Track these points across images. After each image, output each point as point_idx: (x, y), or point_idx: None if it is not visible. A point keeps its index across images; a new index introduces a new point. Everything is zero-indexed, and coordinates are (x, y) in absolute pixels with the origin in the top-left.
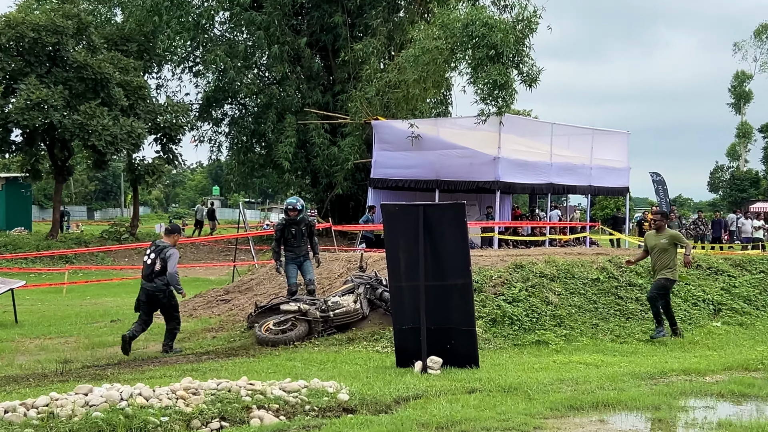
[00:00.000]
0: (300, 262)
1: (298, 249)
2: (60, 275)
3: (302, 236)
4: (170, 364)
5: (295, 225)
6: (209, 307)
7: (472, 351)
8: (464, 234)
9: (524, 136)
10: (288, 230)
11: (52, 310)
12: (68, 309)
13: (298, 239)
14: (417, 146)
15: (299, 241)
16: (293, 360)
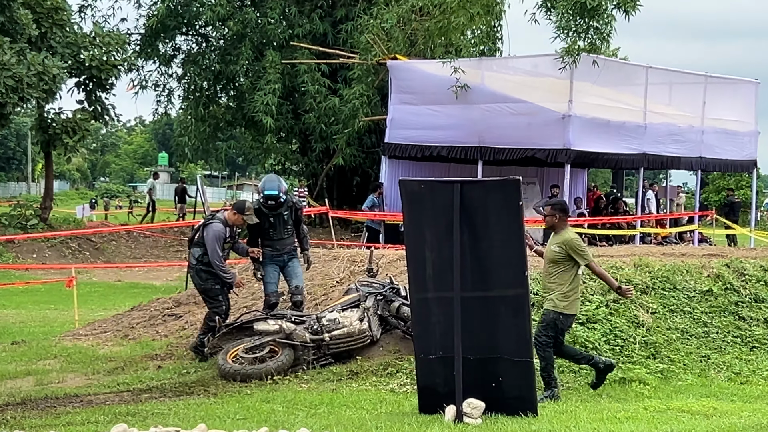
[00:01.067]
0: (283, 263)
1: (280, 243)
2: None
3: (285, 226)
4: (96, 404)
5: (273, 211)
6: (152, 324)
7: (528, 392)
8: (519, 224)
9: (607, 85)
10: (265, 219)
11: None
12: None
13: (279, 230)
14: (451, 99)
15: (281, 231)
16: (272, 401)
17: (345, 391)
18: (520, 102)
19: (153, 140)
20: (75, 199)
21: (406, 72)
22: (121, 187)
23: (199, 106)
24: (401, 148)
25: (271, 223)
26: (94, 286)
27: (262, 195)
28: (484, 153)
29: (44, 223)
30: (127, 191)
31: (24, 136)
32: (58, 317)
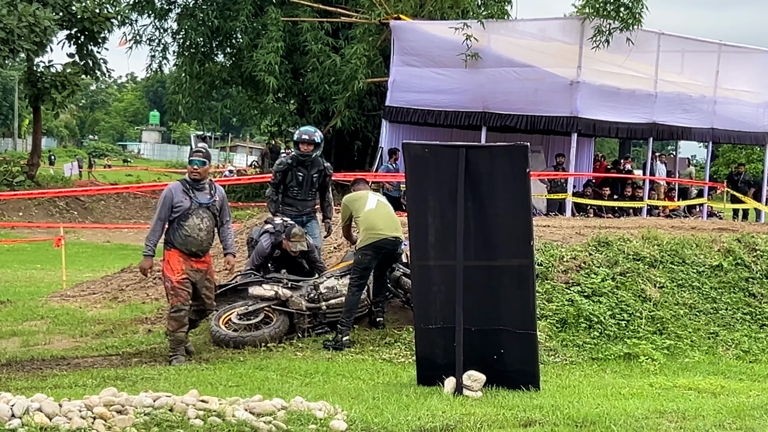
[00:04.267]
0: (301, 223)
1: (302, 204)
2: None
3: (311, 187)
4: (84, 368)
5: (304, 168)
6: (143, 287)
7: (530, 365)
8: (525, 192)
9: (617, 51)
10: (294, 173)
11: None
12: None
13: (304, 189)
14: (455, 62)
15: (305, 192)
16: (266, 369)
17: (341, 361)
18: (527, 67)
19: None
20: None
21: (410, 33)
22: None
23: (194, 62)
24: (403, 111)
25: (298, 181)
26: (83, 246)
27: (297, 134)
28: (488, 119)
29: (31, 180)
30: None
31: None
32: (45, 277)
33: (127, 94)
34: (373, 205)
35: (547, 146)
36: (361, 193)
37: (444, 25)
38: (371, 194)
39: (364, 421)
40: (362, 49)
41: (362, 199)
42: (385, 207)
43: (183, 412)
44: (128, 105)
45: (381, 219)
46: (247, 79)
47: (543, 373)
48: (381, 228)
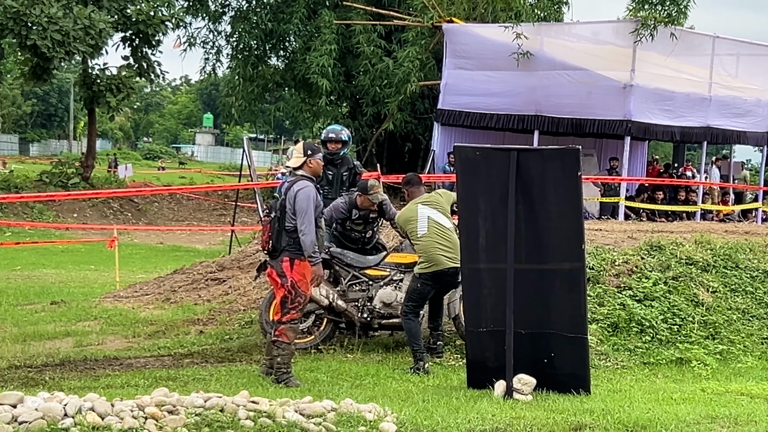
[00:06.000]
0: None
1: None
2: None
3: (341, 186)
4: (136, 368)
5: (333, 167)
6: (195, 288)
7: (581, 369)
8: (577, 196)
9: (671, 54)
10: (323, 173)
11: None
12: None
13: (335, 188)
14: (508, 65)
15: (336, 191)
16: (316, 371)
17: (392, 363)
18: (580, 70)
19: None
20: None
21: (462, 36)
22: (164, 148)
23: (247, 65)
24: (455, 115)
25: (328, 180)
26: (136, 248)
27: (326, 133)
28: (540, 122)
29: (86, 182)
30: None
31: (67, 93)
32: (99, 278)
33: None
34: (425, 228)
35: (600, 150)
36: (411, 211)
37: (496, 27)
38: (420, 210)
39: (414, 424)
40: (414, 52)
41: (413, 221)
42: (438, 229)
43: (233, 412)
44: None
45: (438, 247)
46: (300, 81)
47: (594, 377)
48: (439, 258)
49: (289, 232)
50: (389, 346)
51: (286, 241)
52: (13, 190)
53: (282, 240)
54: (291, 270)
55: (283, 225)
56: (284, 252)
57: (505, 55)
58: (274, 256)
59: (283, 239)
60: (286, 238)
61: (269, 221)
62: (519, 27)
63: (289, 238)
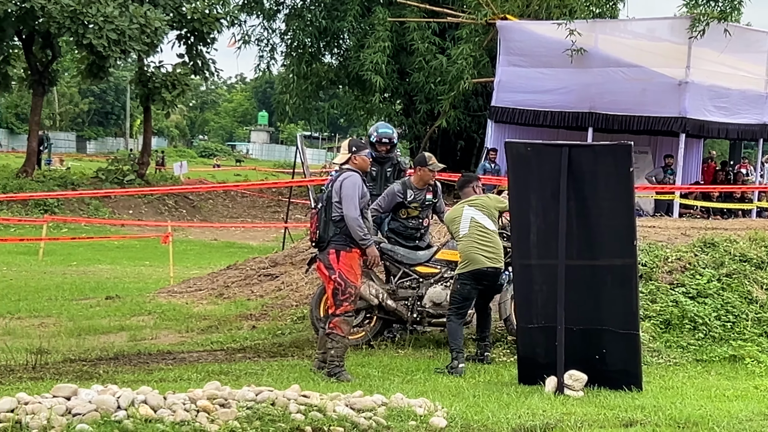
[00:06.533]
0: (379, 222)
1: None
2: (36, 229)
3: (386, 183)
4: (189, 362)
5: (377, 164)
6: (248, 284)
7: (633, 366)
8: (629, 192)
9: (727, 51)
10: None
11: (23, 279)
12: (45, 278)
13: (379, 185)
14: (562, 62)
15: (381, 187)
16: (367, 366)
17: (443, 358)
18: (635, 67)
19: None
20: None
21: (516, 33)
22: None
23: (301, 63)
24: (508, 112)
25: (372, 176)
26: (190, 244)
27: (375, 135)
28: (595, 119)
29: (141, 178)
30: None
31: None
32: (153, 274)
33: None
34: (466, 229)
35: (655, 147)
36: (456, 211)
37: (550, 24)
38: (465, 211)
39: (464, 419)
40: (468, 49)
41: (457, 221)
42: (480, 230)
43: (284, 406)
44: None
45: (477, 247)
46: (354, 79)
47: (646, 374)
48: (477, 257)
49: (336, 222)
50: (441, 342)
51: (333, 231)
52: (69, 186)
53: (329, 230)
54: (338, 262)
55: (329, 215)
56: (330, 243)
57: (559, 52)
58: (322, 247)
59: (329, 229)
60: (333, 228)
61: (316, 213)
62: (573, 24)
63: (335, 228)
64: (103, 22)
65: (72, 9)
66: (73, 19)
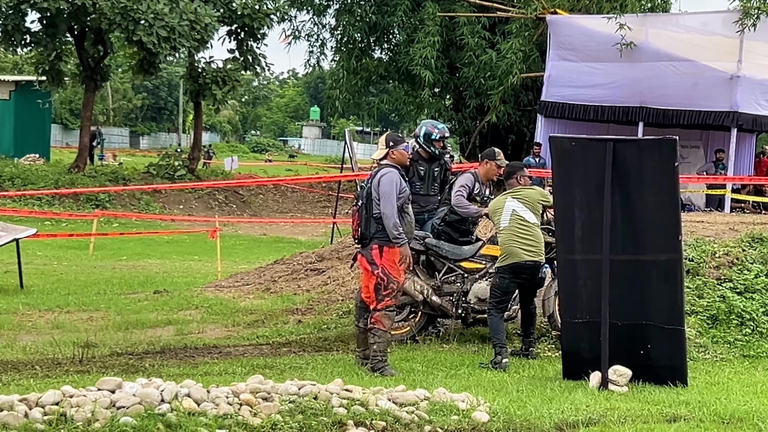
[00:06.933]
0: (422, 221)
1: (425, 199)
2: (86, 224)
3: (434, 181)
4: (235, 356)
5: (425, 162)
6: (294, 278)
7: (678, 361)
8: (674, 186)
9: None
10: (415, 168)
11: (73, 273)
12: (95, 272)
13: (427, 184)
14: (612, 56)
15: (428, 187)
16: (412, 361)
17: (488, 353)
18: (686, 61)
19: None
20: (225, 152)
21: (567, 27)
22: (271, 141)
23: (351, 58)
24: (558, 107)
25: (420, 176)
26: (239, 239)
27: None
28: (645, 114)
29: (192, 174)
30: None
31: (176, 87)
32: (202, 268)
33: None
34: (507, 222)
35: (707, 141)
36: (499, 203)
37: (600, 18)
38: (507, 203)
39: (507, 413)
40: (518, 43)
41: (498, 213)
42: (520, 223)
43: (327, 400)
44: (289, 101)
45: (517, 240)
46: (404, 74)
47: (692, 370)
48: (516, 250)
49: (377, 219)
50: (486, 336)
51: (374, 228)
52: (121, 182)
53: (370, 227)
54: (380, 257)
55: (370, 212)
56: (373, 240)
57: (610, 46)
58: (364, 243)
59: (371, 226)
60: (374, 224)
61: (357, 210)
62: (623, 18)
63: (377, 225)
64: (153, 19)
65: (123, 5)
66: (124, 15)
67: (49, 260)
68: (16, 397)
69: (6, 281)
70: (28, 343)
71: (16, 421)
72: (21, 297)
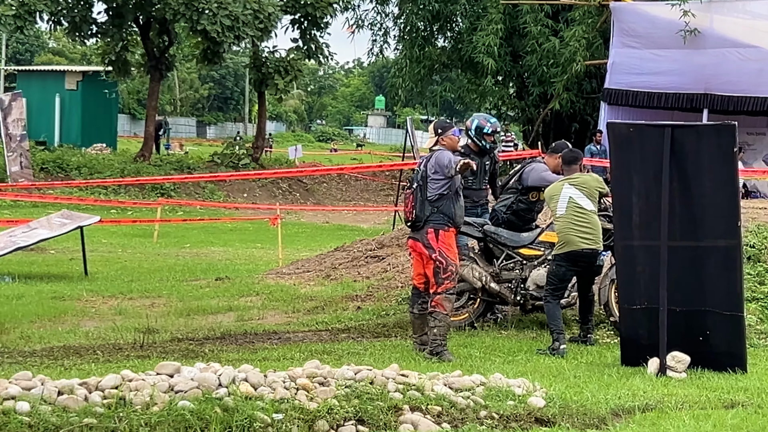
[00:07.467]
0: (476, 214)
1: (477, 194)
2: (151, 212)
3: (485, 175)
4: (294, 342)
5: (477, 156)
6: (355, 265)
7: (737, 347)
8: (732, 172)
9: None
10: None
11: (137, 261)
12: (159, 260)
13: (479, 178)
14: (676, 43)
15: (480, 181)
16: (470, 347)
17: (546, 340)
18: (752, 47)
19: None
20: (290, 140)
21: (630, 14)
22: (336, 130)
23: (414, 46)
24: (622, 94)
25: (472, 170)
26: (302, 226)
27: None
28: (710, 101)
29: (256, 162)
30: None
31: (242, 76)
32: (264, 256)
33: (353, 79)
34: (564, 209)
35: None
36: (556, 189)
37: (665, 5)
38: (564, 190)
39: (563, 399)
40: (581, 31)
41: (555, 199)
42: (577, 211)
43: (383, 385)
44: (354, 90)
45: (574, 228)
46: (467, 62)
47: (752, 356)
48: (574, 239)
49: (432, 202)
50: (544, 323)
51: (429, 211)
52: (185, 171)
53: (425, 209)
54: (437, 241)
55: (425, 195)
56: (428, 223)
57: (673, 33)
58: (418, 227)
59: (426, 209)
60: (429, 207)
61: (411, 192)
62: (687, 4)
63: (432, 207)
64: (217, 8)
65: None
66: (188, 5)
67: (114, 248)
68: (76, 381)
69: (71, 268)
70: (91, 328)
71: (76, 404)
72: (85, 284)
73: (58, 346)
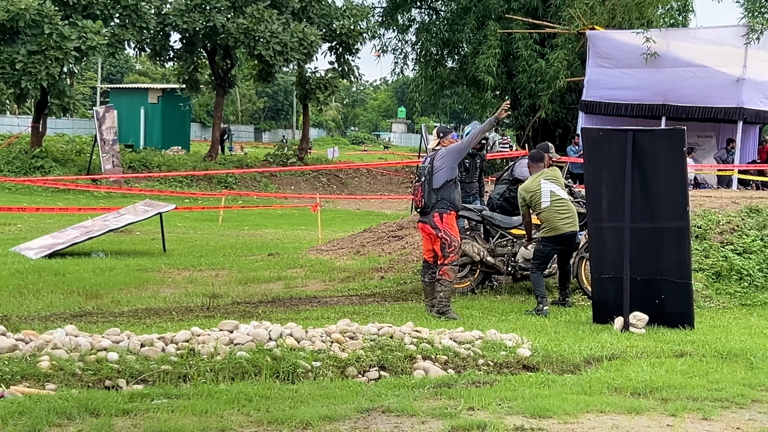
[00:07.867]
0: (468, 202)
1: (469, 187)
2: (217, 201)
3: (475, 171)
4: (330, 305)
5: (470, 157)
6: (379, 243)
7: (686, 308)
8: (682, 167)
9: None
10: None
11: (205, 240)
12: (222, 239)
13: (471, 173)
14: (641, 63)
15: (471, 176)
16: (470, 308)
17: (532, 302)
18: (701, 66)
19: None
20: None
21: (603, 40)
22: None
23: (428, 67)
24: (597, 105)
25: (465, 167)
26: (338, 212)
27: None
28: (667, 110)
29: (301, 161)
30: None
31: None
32: (307, 236)
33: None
34: (548, 202)
35: (719, 132)
36: (535, 185)
37: (631, 33)
38: (543, 185)
39: (545, 350)
40: (563, 54)
41: (537, 194)
42: (559, 200)
43: (401, 338)
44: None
45: (559, 217)
46: (471, 80)
47: (698, 315)
48: (559, 225)
49: (437, 191)
50: (530, 289)
51: (435, 198)
52: (245, 167)
53: (432, 198)
54: (441, 222)
55: (431, 186)
56: (434, 208)
57: (638, 55)
58: (426, 212)
59: (432, 197)
60: (435, 196)
61: (420, 184)
62: (648, 32)
63: (437, 196)
64: (269, 37)
65: (246, 27)
66: (246, 34)
67: (187, 230)
68: (155, 336)
69: (152, 246)
70: (168, 294)
71: (155, 354)
72: (164, 258)
73: (142, 308)
